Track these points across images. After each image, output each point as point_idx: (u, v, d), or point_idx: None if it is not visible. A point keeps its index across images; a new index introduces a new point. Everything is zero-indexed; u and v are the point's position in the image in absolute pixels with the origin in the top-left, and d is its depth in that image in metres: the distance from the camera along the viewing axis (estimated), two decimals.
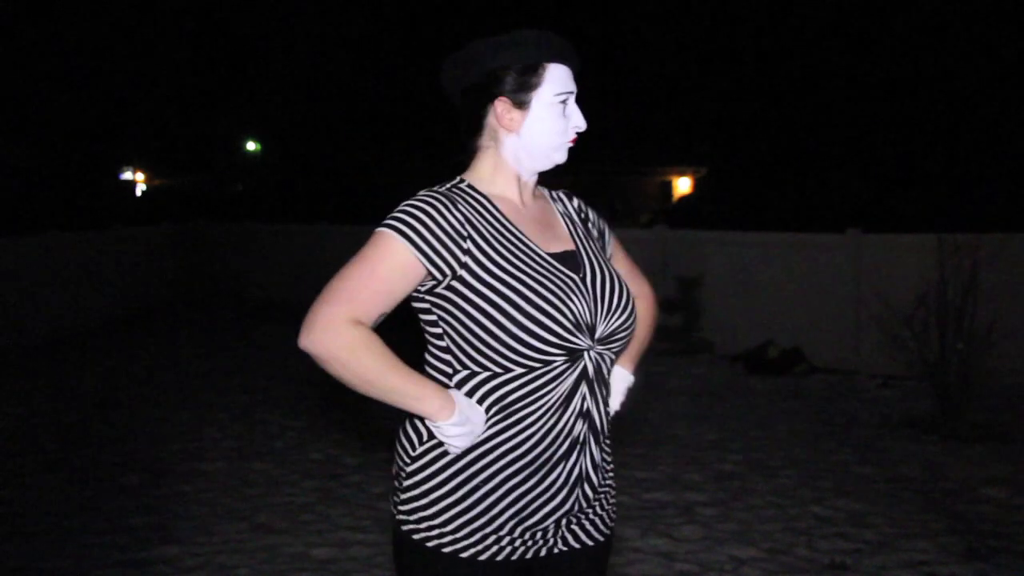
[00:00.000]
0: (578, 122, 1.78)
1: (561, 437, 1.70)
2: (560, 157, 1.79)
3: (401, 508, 1.73)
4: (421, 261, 1.64)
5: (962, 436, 5.95)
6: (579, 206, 1.93)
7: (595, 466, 1.77)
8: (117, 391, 7.57)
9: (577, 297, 1.69)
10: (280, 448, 5.84)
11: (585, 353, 1.70)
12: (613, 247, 1.97)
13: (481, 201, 1.74)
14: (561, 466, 1.71)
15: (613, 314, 1.74)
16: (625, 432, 6.27)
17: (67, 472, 5.33)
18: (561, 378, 1.68)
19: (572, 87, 1.77)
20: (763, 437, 6.11)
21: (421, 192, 1.72)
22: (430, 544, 1.69)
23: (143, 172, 32.21)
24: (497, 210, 1.75)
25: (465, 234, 1.67)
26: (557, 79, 1.74)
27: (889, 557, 4.04)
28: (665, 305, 9.35)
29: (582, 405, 1.72)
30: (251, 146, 32.25)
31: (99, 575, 3.89)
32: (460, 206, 1.70)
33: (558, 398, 1.68)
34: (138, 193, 31.61)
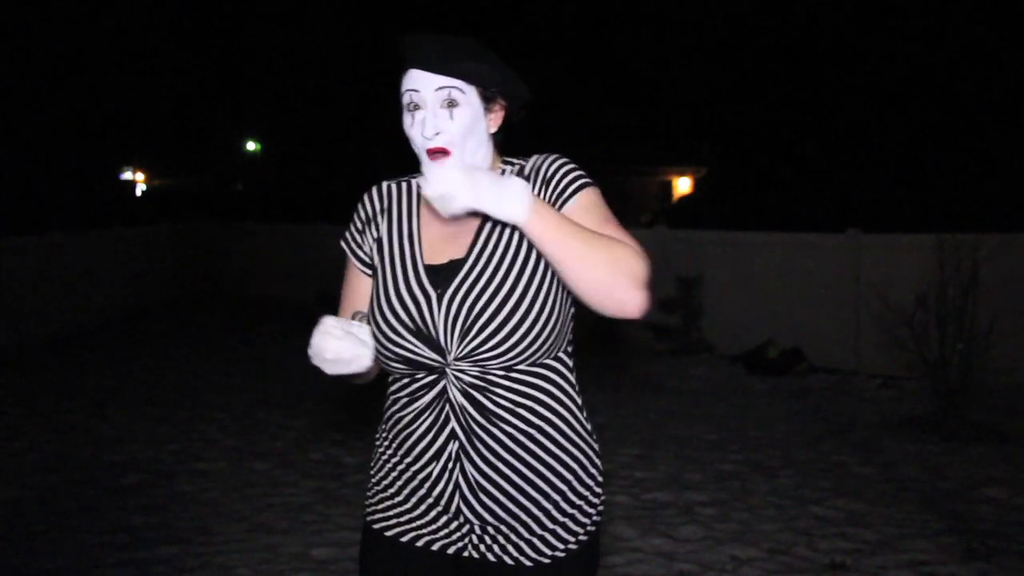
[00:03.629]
0: (425, 132, 1.64)
1: (431, 448, 1.71)
2: (428, 172, 1.58)
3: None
4: (352, 260, 1.83)
5: (962, 436, 5.95)
6: (553, 193, 1.71)
7: (482, 488, 1.68)
8: (117, 391, 7.57)
9: (427, 313, 1.66)
10: (280, 448, 5.84)
11: (447, 370, 1.67)
12: (579, 206, 1.70)
13: (412, 197, 1.81)
14: (432, 472, 1.72)
15: (471, 333, 1.62)
16: (625, 432, 6.27)
17: (67, 472, 5.33)
18: (426, 390, 1.70)
19: (417, 86, 1.65)
20: (763, 437, 6.11)
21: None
22: (369, 520, 1.81)
23: (143, 172, 32.20)
24: (418, 208, 1.78)
25: (374, 226, 1.80)
26: (406, 83, 1.67)
27: (889, 557, 4.04)
28: (665, 305, 9.35)
29: (447, 422, 1.69)
30: (251, 146, 32.25)
31: (99, 575, 3.89)
32: (388, 195, 1.82)
33: (423, 408, 1.70)
34: (138, 193, 31.62)
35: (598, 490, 1.77)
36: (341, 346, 1.62)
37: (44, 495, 4.92)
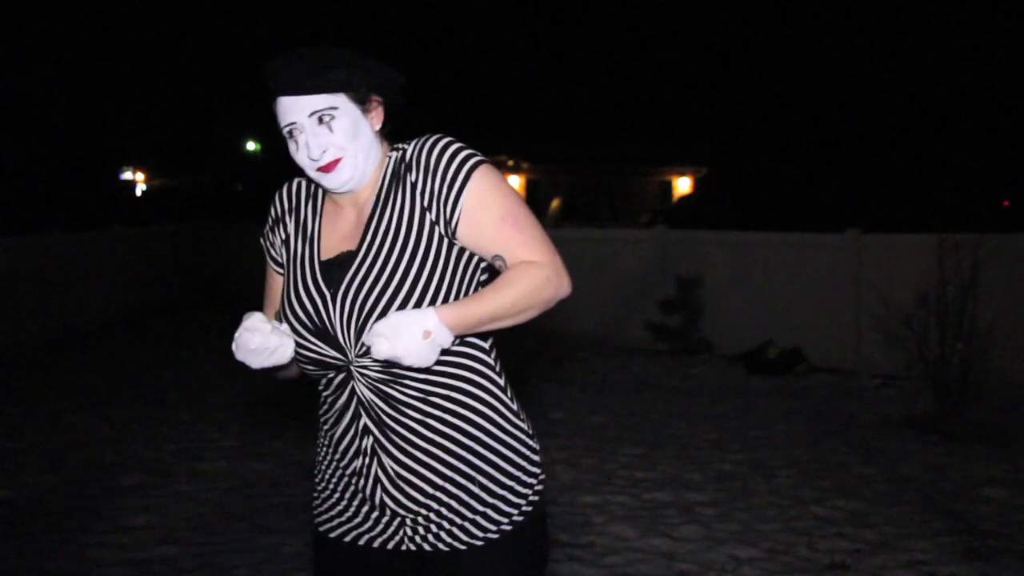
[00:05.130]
0: (311, 153, 1.67)
1: (352, 445, 1.75)
2: (325, 183, 1.70)
3: None
4: (268, 260, 1.89)
5: (962, 436, 5.95)
6: (416, 177, 1.70)
7: (401, 479, 1.70)
8: (117, 391, 7.57)
9: (323, 313, 1.69)
10: (280, 448, 5.84)
11: (351, 368, 1.69)
12: (474, 201, 1.67)
13: (318, 193, 1.84)
14: (356, 468, 1.76)
15: (365, 329, 1.64)
16: (625, 432, 6.27)
17: (67, 472, 5.33)
18: (340, 390, 1.74)
19: (293, 117, 1.67)
20: (763, 437, 6.11)
21: None
22: (315, 523, 1.86)
23: (143, 172, 32.21)
24: (321, 205, 1.82)
25: (282, 225, 1.85)
26: (281, 114, 1.70)
27: (889, 557, 4.04)
28: (665, 305, 9.36)
29: (358, 418, 1.72)
30: (251, 146, 32.25)
31: (99, 575, 3.89)
32: (296, 192, 1.87)
33: (341, 408, 1.75)
34: (138, 193, 31.62)
35: (533, 469, 1.77)
36: (264, 338, 1.66)
37: (44, 495, 4.92)
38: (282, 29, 30.07)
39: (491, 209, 1.67)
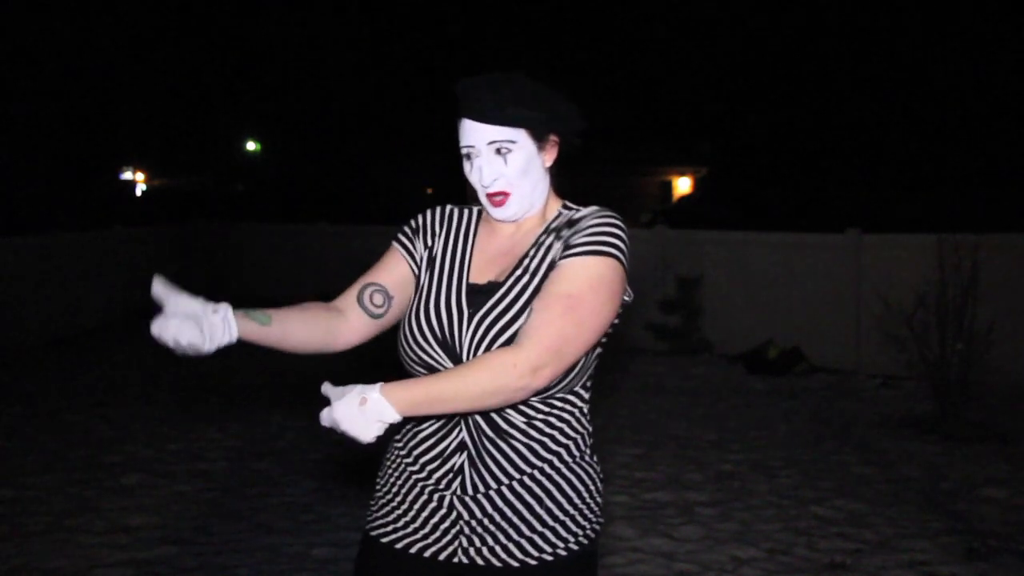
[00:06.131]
0: (483, 180, 1.75)
1: (440, 456, 1.76)
2: (493, 213, 1.79)
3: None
4: (396, 245, 1.89)
5: (962, 436, 5.95)
6: (567, 238, 1.74)
7: (479, 503, 1.73)
8: (117, 391, 7.57)
9: (456, 328, 1.73)
10: (280, 448, 5.84)
11: None
12: (559, 273, 1.69)
13: (472, 220, 1.90)
14: (435, 477, 1.77)
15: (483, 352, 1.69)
16: (625, 432, 6.27)
17: (67, 472, 5.33)
18: None
19: (472, 141, 1.74)
20: (763, 437, 6.11)
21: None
22: (368, 527, 1.87)
23: (143, 172, 32.20)
24: (474, 231, 1.87)
25: (430, 234, 1.88)
26: (462, 134, 1.76)
27: (889, 557, 4.04)
28: (665, 305, 9.36)
29: (458, 432, 1.74)
30: (251, 146, 32.25)
31: (99, 575, 3.89)
32: (449, 216, 1.91)
33: (437, 418, 1.75)
34: (138, 193, 31.62)
35: (595, 508, 1.82)
36: (167, 326, 1.62)
37: (44, 495, 4.92)
38: (282, 29, 30.09)
39: (565, 282, 1.66)
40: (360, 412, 1.57)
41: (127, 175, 31.76)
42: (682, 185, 29.47)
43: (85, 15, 23.91)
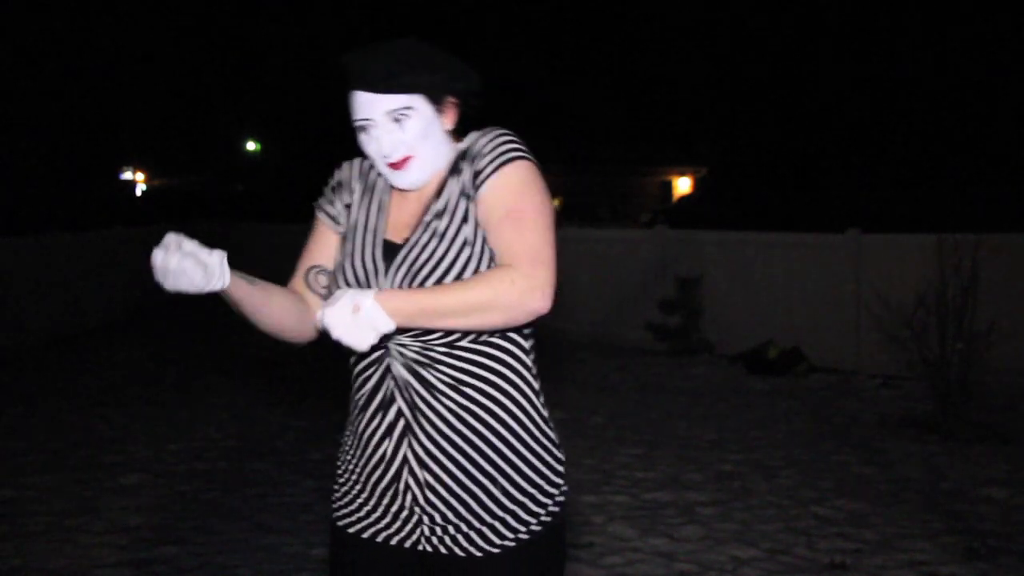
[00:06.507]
0: (382, 149, 1.71)
1: (382, 425, 1.74)
2: (394, 180, 1.76)
3: None
4: (320, 215, 1.88)
5: (962, 436, 5.95)
6: (467, 164, 1.73)
7: (424, 467, 1.70)
8: (117, 391, 7.57)
9: (373, 284, 1.71)
10: (280, 448, 5.84)
11: (390, 345, 1.70)
12: (491, 199, 1.68)
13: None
14: (385, 452, 1.74)
15: None
16: (625, 432, 6.27)
17: (67, 472, 5.33)
18: (374, 368, 1.75)
19: (368, 114, 1.70)
20: (763, 437, 6.11)
21: None
22: (334, 518, 1.85)
23: (143, 172, 32.21)
24: (390, 188, 1.83)
25: (347, 191, 1.86)
26: (356, 108, 1.72)
27: (889, 557, 4.04)
28: (665, 305, 9.35)
29: (393, 399, 1.73)
30: (251, 146, 32.25)
31: (99, 575, 3.89)
32: (367, 171, 1.87)
33: (374, 387, 1.75)
34: (138, 193, 31.63)
35: (556, 479, 1.77)
36: (168, 257, 1.59)
37: (44, 495, 4.92)
38: (282, 28, 30.08)
39: (503, 202, 1.67)
40: (353, 320, 1.56)
41: (127, 175, 31.76)
42: (682, 185, 29.48)
43: (85, 15, 23.89)
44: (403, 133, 1.70)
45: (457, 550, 1.71)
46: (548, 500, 1.75)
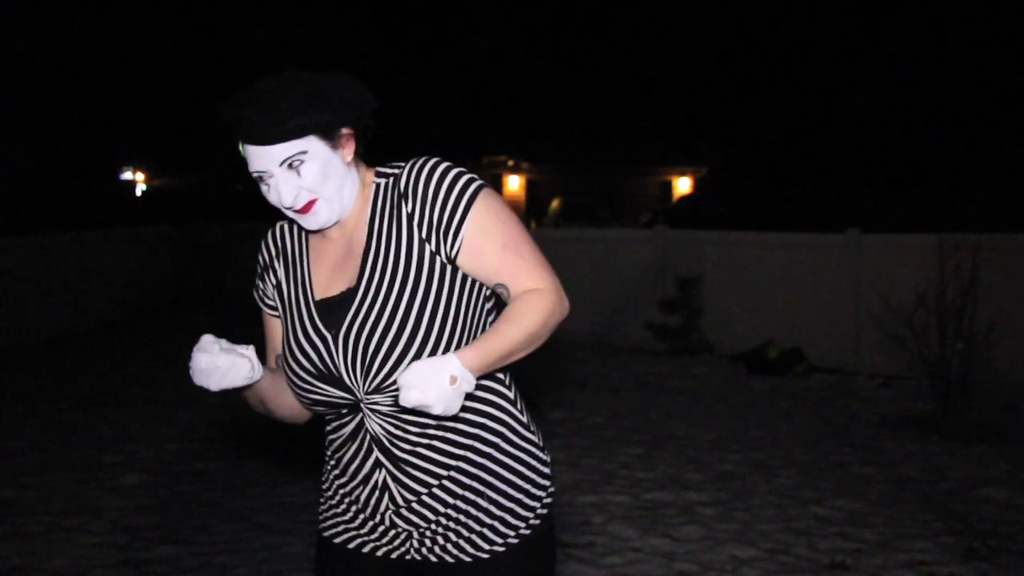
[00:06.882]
0: (283, 200, 1.62)
1: (360, 472, 1.74)
2: (304, 224, 1.67)
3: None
4: (259, 303, 1.85)
5: (962, 436, 5.95)
6: (413, 207, 1.65)
7: (407, 489, 1.69)
8: (117, 391, 7.57)
9: (326, 356, 1.66)
10: (280, 448, 5.84)
11: (362, 406, 1.67)
12: (478, 240, 1.64)
13: (299, 232, 1.79)
14: (362, 496, 1.75)
15: (372, 370, 1.62)
16: (625, 432, 6.27)
17: (67, 472, 5.33)
18: (349, 419, 1.73)
19: (262, 167, 1.61)
20: (763, 437, 6.11)
21: None
22: (320, 527, 1.88)
23: (143, 172, 32.21)
24: (306, 244, 1.77)
25: (271, 271, 1.81)
26: (249, 160, 1.63)
27: (889, 557, 4.04)
28: (665, 305, 9.35)
29: (370, 451, 1.70)
30: None
31: (99, 575, 3.89)
32: (281, 237, 1.82)
33: (348, 435, 1.74)
34: (138, 193, 31.63)
35: (542, 482, 1.76)
36: (212, 358, 1.63)
37: (44, 495, 4.92)
38: (282, 28, 30.08)
39: (493, 238, 1.64)
40: (453, 391, 1.52)
41: (127, 175, 31.76)
42: (682, 185, 29.46)
43: (85, 15, 23.90)
44: (301, 179, 1.61)
45: (447, 557, 1.71)
46: (536, 503, 1.74)
